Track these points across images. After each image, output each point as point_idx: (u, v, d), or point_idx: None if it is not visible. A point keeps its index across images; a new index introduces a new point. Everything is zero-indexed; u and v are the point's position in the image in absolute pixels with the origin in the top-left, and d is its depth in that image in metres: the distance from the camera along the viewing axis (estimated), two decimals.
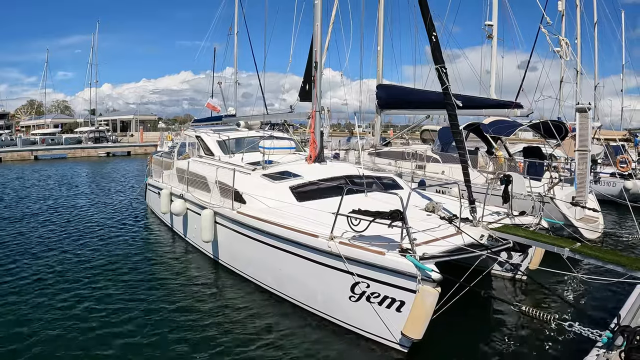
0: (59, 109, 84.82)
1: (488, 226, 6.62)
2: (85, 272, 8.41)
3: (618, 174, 16.18)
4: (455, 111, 7.22)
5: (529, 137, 32.07)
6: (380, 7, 18.91)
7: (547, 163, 13.23)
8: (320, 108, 10.05)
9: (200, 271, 8.65)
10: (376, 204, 6.38)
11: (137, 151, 44.41)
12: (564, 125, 12.64)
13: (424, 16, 7.17)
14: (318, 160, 9.76)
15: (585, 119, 9.43)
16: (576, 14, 25.33)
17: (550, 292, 7.40)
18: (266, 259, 7.22)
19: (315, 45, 10.01)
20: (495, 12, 19.43)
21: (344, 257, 5.66)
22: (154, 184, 13.06)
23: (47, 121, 66.50)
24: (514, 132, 13.69)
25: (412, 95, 16.14)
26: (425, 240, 5.82)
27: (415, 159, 14.52)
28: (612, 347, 4.07)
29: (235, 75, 28.90)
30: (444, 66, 7.04)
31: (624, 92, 33.92)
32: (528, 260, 7.45)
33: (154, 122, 75.26)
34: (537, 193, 10.30)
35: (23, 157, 38.67)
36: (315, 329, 6.23)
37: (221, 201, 8.59)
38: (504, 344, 5.90)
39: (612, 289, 7.28)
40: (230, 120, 16.88)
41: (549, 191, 10.54)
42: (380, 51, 19.07)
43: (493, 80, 19.48)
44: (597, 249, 6.04)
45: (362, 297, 5.70)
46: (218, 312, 6.80)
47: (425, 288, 5.08)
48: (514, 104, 13.66)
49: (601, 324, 4.94)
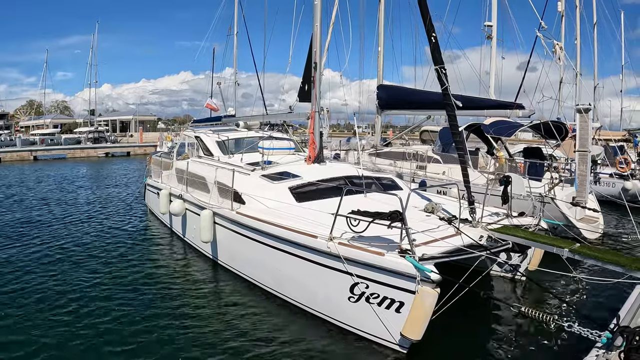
0: (58, 109, 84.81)
1: (487, 227, 6.62)
2: (83, 273, 8.40)
3: (617, 174, 16.20)
4: (455, 112, 7.22)
5: (528, 137, 32.06)
6: (381, 8, 18.91)
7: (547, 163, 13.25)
8: (320, 108, 10.05)
9: (199, 271, 8.64)
10: (375, 204, 6.38)
11: (137, 151, 44.37)
12: (564, 126, 12.66)
13: (424, 17, 7.17)
14: (317, 160, 9.76)
15: (586, 119, 9.44)
16: (576, 15, 25.37)
17: (550, 293, 7.40)
18: (265, 259, 7.21)
19: (315, 46, 10.00)
20: (494, 13, 19.45)
21: (343, 258, 5.65)
22: (153, 185, 13.05)
23: (47, 121, 66.47)
24: (514, 132, 13.71)
25: (413, 96, 16.12)
26: (425, 241, 5.81)
27: (416, 160, 14.53)
28: (612, 348, 4.08)
29: (235, 75, 28.90)
30: (444, 67, 7.04)
31: (623, 92, 33.99)
32: (527, 260, 7.45)
33: (153, 123, 75.31)
34: (538, 194, 10.34)
35: (22, 158, 38.66)
36: (314, 329, 6.22)
37: (220, 202, 8.58)
38: (503, 345, 5.89)
39: (611, 290, 7.27)
40: (229, 120, 16.86)
41: (549, 191, 10.56)
42: (381, 52, 19.07)
43: (492, 81, 19.49)
44: (597, 249, 6.04)
45: (362, 297, 5.70)
46: (216, 313, 6.79)
47: (424, 289, 5.08)
48: (515, 104, 13.69)
49: (600, 324, 4.95)
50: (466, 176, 7.06)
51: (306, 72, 12.04)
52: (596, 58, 29.68)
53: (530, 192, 9.93)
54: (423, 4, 7.16)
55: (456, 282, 5.37)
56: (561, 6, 24.35)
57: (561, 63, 9.06)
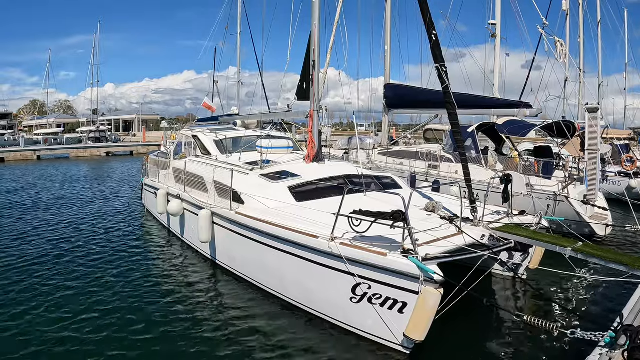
0: (61, 108, 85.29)
1: (489, 226, 6.55)
2: (78, 275, 8.32)
3: (622, 172, 16.13)
4: (456, 110, 7.16)
5: (532, 135, 31.88)
6: (387, 7, 18.83)
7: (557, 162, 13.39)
8: (319, 107, 9.96)
9: (197, 272, 8.58)
10: (376, 203, 6.31)
11: (140, 151, 44.37)
12: (573, 125, 12.63)
13: (424, 15, 7.13)
14: (316, 159, 9.68)
15: (595, 118, 9.39)
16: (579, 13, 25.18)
17: (551, 291, 7.34)
18: (265, 260, 7.14)
19: (313, 44, 9.92)
20: (498, 11, 19.36)
21: (345, 258, 5.59)
22: (151, 184, 12.94)
23: (50, 121, 66.82)
24: (529, 132, 13.67)
25: (421, 95, 16.05)
26: (427, 240, 5.74)
27: (428, 159, 14.48)
28: (615, 347, 4.03)
29: (239, 74, 28.84)
30: (444, 65, 6.98)
31: (627, 90, 33.76)
32: (528, 259, 7.38)
33: (156, 122, 75.55)
34: (552, 192, 10.72)
35: (26, 157, 38.82)
36: (315, 330, 6.16)
37: (219, 201, 8.52)
38: (506, 344, 5.83)
39: (613, 288, 7.20)
40: (229, 119, 16.84)
41: (563, 190, 10.70)
42: (388, 50, 19.00)
43: (496, 79, 19.42)
44: (599, 248, 5.96)
45: (364, 298, 5.63)
46: (215, 313, 6.74)
47: (427, 289, 5.01)
48: (523, 103, 13.68)
49: (603, 323, 4.89)
50: (467, 175, 6.99)
51: (304, 71, 11.95)
52: (600, 56, 29.46)
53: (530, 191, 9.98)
54: (423, 1, 7.10)
55: (459, 281, 5.30)
56: (566, 5, 24.18)
57: (562, 60, 9.00)
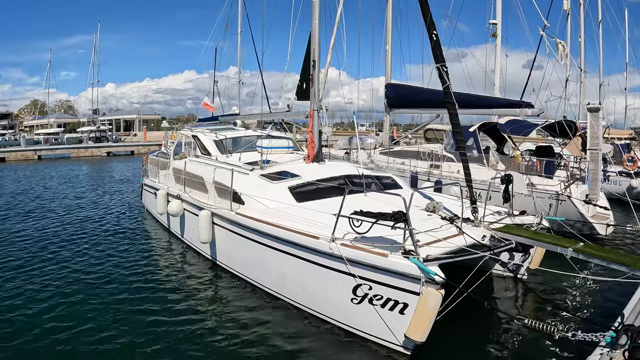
0: (62, 108, 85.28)
1: (490, 226, 6.53)
2: (78, 275, 8.30)
3: (623, 172, 16.12)
4: (457, 110, 7.15)
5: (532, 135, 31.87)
6: (388, 6, 18.81)
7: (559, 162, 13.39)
8: (319, 107, 9.94)
9: (197, 272, 8.56)
10: (376, 204, 6.30)
11: (141, 150, 44.34)
12: (574, 125, 12.62)
13: (425, 14, 7.12)
14: (317, 159, 9.66)
15: (596, 118, 9.37)
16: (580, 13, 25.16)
17: (551, 292, 7.32)
18: (266, 260, 7.13)
19: (313, 44, 9.90)
20: (499, 11, 19.34)
21: (346, 259, 5.56)
22: (151, 184, 12.89)
23: (51, 121, 66.83)
24: (531, 131, 13.68)
25: (422, 95, 16.00)
26: (428, 241, 5.71)
27: (430, 159, 14.47)
28: (616, 346, 4.04)
29: (239, 74, 28.83)
30: (445, 65, 6.97)
31: (627, 90, 33.76)
32: (529, 260, 7.37)
33: (157, 122, 75.52)
34: (555, 192, 10.75)
35: (27, 157, 38.83)
36: (315, 331, 6.14)
37: (219, 202, 8.50)
38: (507, 345, 5.82)
39: (614, 288, 7.17)
40: (230, 119, 16.82)
41: (566, 189, 10.69)
42: (389, 50, 18.98)
43: (497, 79, 19.41)
44: (600, 248, 5.94)
45: (365, 299, 5.62)
46: (216, 314, 6.72)
47: (429, 290, 4.99)
48: (524, 103, 13.67)
49: (604, 323, 4.87)
50: (468, 175, 6.97)
51: (304, 70, 11.92)
52: (601, 56, 29.44)
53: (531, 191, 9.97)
54: (423, 1, 7.08)
55: (459, 282, 5.28)
56: (567, 5, 24.17)
57: (563, 62, 9.02)
